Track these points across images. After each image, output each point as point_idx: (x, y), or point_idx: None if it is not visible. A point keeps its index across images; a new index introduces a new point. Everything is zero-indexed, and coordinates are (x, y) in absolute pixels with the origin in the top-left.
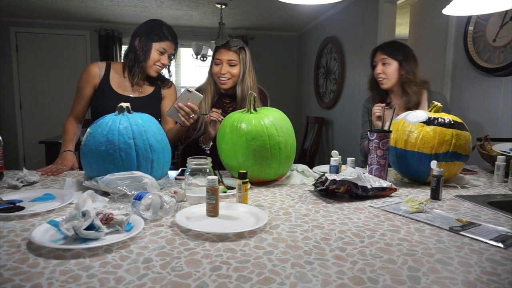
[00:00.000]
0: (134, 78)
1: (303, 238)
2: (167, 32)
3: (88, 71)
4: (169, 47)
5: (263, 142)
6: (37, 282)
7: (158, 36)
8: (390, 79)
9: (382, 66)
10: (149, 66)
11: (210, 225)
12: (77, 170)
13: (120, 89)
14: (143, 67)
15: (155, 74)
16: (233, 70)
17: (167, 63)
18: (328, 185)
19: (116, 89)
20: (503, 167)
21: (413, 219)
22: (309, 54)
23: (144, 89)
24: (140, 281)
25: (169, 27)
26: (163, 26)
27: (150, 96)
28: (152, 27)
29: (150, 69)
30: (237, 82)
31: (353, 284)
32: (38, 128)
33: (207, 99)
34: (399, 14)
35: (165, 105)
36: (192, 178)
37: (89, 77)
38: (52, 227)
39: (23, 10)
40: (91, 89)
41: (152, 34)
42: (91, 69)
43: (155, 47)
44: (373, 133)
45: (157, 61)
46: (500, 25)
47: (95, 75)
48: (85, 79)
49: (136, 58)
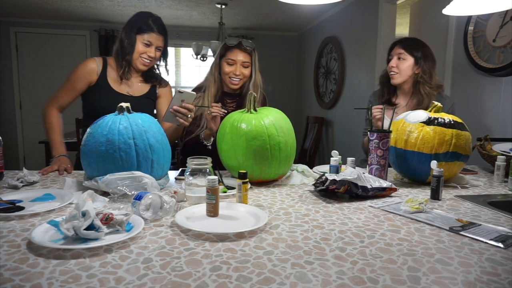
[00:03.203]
0: (121, 71)
1: (303, 238)
2: (152, 24)
3: (85, 66)
4: (155, 39)
5: (263, 142)
6: (37, 282)
7: (142, 27)
8: (402, 75)
9: (397, 60)
10: (135, 59)
11: (210, 225)
12: (77, 170)
13: (116, 86)
14: (128, 60)
15: (143, 68)
16: (246, 72)
17: (154, 56)
18: (328, 185)
19: (113, 86)
20: (503, 167)
21: (413, 219)
22: (309, 54)
23: (140, 87)
24: (140, 281)
25: (156, 18)
26: (149, 18)
27: (147, 95)
28: (138, 19)
29: (136, 62)
30: (245, 82)
31: (353, 284)
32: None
33: (210, 96)
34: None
35: (161, 104)
36: (192, 178)
37: (86, 73)
38: (52, 227)
39: (23, 10)
40: (85, 85)
41: (137, 26)
42: (89, 64)
43: (139, 39)
44: (373, 133)
45: (143, 53)
46: (500, 25)
47: (92, 71)
48: (81, 73)
49: (122, 50)
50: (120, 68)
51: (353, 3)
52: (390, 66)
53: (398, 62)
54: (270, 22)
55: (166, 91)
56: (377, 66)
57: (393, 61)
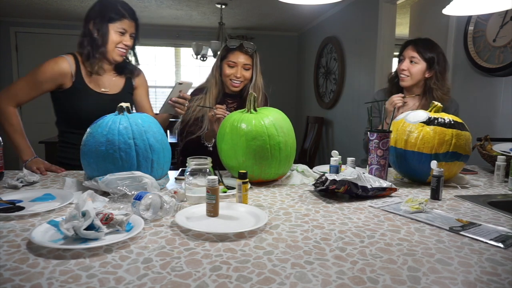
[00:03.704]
0: (94, 67)
1: (303, 238)
2: (123, 10)
3: (56, 67)
4: (128, 26)
5: (263, 142)
6: (37, 282)
7: (114, 15)
8: (412, 79)
9: (409, 63)
10: (111, 50)
11: (210, 225)
12: (77, 170)
13: (93, 85)
14: (103, 52)
15: (120, 58)
16: (247, 74)
17: (130, 44)
18: (328, 185)
19: (91, 86)
20: (503, 167)
21: (413, 219)
22: (309, 54)
23: (116, 82)
24: (140, 281)
25: (124, 3)
26: (117, 3)
27: (126, 90)
28: (106, 7)
29: (112, 53)
30: (246, 84)
31: (353, 284)
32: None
33: (211, 98)
34: (399, 14)
35: (139, 95)
36: (192, 178)
37: (57, 75)
38: (52, 227)
39: (23, 10)
40: (54, 87)
41: (107, 14)
42: (61, 65)
43: (113, 28)
44: (373, 133)
45: (119, 42)
46: (500, 25)
47: (65, 74)
48: (51, 74)
49: (93, 43)
50: (92, 63)
51: (353, 3)
52: (401, 68)
53: (410, 65)
54: (270, 22)
55: (142, 80)
56: (377, 66)
57: (404, 64)
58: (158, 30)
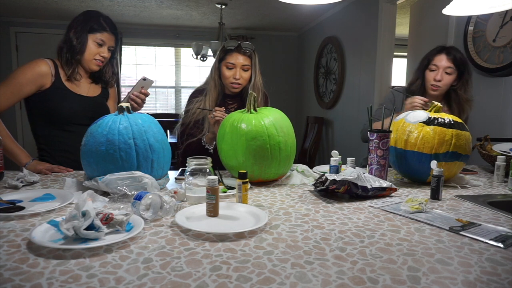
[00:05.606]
0: (71, 72)
1: (303, 238)
2: (104, 23)
3: (37, 68)
4: (107, 39)
5: (263, 142)
6: (37, 282)
7: (94, 26)
8: (443, 89)
9: (445, 74)
10: (88, 60)
11: (210, 225)
12: (77, 170)
13: (73, 87)
14: (79, 60)
15: (96, 68)
16: (246, 75)
17: (107, 56)
18: (328, 185)
19: (70, 88)
20: (503, 167)
21: (413, 219)
22: (309, 54)
23: (93, 88)
24: (140, 281)
25: (107, 18)
26: (100, 17)
27: (102, 95)
28: (88, 18)
29: (89, 63)
30: (246, 85)
31: (353, 284)
32: None
33: (211, 101)
34: (399, 14)
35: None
36: (192, 178)
37: (38, 76)
38: (52, 227)
39: (23, 10)
40: (34, 89)
41: (88, 25)
42: (41, 66)
43: (92, 39)
44: (373, 133)
45: (96, 54)
46: (500, 25)
47: (46, 74)
48: (32, 76)
49: (72, 50)
50: (69, 68)
51: (353, 3)
52: (436, 79)
53: (446, 76)
54: (270, 22)
55: (113, 92)
56: (377, 66)
57: (439, 75)
58: (158, 30)
